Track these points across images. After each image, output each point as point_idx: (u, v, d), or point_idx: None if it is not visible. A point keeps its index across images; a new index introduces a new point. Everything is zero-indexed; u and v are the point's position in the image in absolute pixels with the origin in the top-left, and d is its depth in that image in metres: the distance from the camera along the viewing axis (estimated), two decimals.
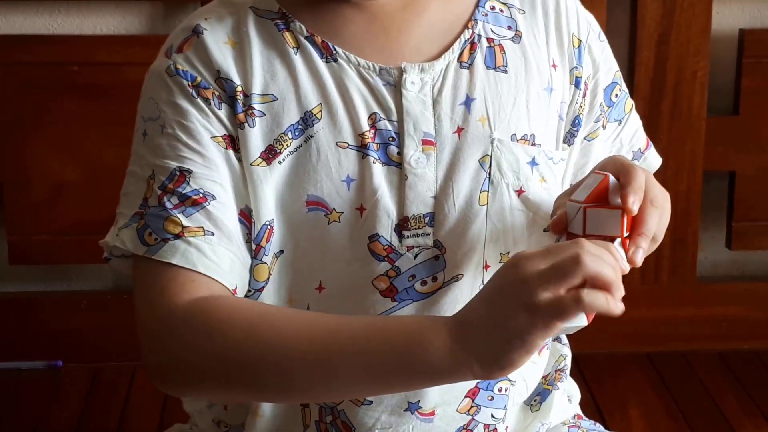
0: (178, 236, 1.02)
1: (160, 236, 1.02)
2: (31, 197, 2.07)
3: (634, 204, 0.97)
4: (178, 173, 1.04)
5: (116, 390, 2.05)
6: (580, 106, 1.15)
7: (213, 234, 1.03)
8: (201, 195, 1.03)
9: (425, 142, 1.07)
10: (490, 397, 1.13)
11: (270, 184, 1.05)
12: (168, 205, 1.03)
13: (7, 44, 2.03)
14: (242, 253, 1.05)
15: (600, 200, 0.98)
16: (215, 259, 1.03)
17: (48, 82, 2.03)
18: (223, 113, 1.05)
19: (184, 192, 1.03)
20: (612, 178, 0.99)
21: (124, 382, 2.07)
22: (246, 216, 1.06)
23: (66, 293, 2.20)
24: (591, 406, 1.97)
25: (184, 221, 1.02)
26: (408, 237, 1.07)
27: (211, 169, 1.04)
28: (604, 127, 1.18)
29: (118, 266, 1.08)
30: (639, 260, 0.97)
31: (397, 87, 1.07)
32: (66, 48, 2.04)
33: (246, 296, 1.07)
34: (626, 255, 0.97)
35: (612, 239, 0.96)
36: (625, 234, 0.97)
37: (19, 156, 2.05)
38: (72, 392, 2.05)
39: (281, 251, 1.07)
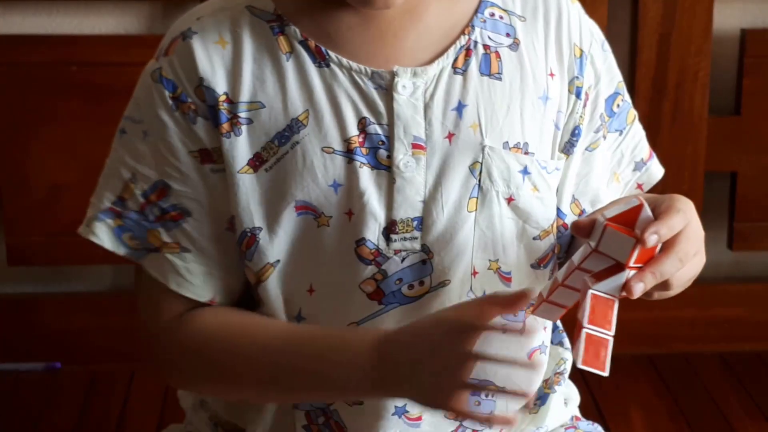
0: (157, 249, 1.08)
1: (142, 245, 1.09)
2: (29, 198, 2.07)
3: (650, 236, 0.94)
4: (160, 186, 1.07)
5: (114, 391, 2.06)
6: (581, 116, 1.14)
7: (189, 251, 1.08)
8: (178, 212, 1.07)
9: (415, 146, 1.06)
10: (476, 403, 1.12)
11: (257, 192, 1.06)
12: (150, 216, 1.08)
13: (5, 44, 2.03)
14: (221, 265, 1.09)
15: (626, 224, 0.96)
16: (188, 276, 1.08)
17: (46, 82, 2.03)
18: (198, 127, 1.06)
19: (164, 207, 1.07)
20: (647, 209, 0.96)
21: (123, 384, 2.07)
22: (232, 225, 1.08)
23: (64, 294, 2.20)
24: (593, 409, 1.97)
25: (164, 237, 1.08)
26: (396, 240, 1.07)
27: (189, 186, 1.07)
28: (604, 137, 1.17)
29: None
30: (636, 292, 0.96)
31: (388, 91, 1.06)
32: (64, 48, 2.04)
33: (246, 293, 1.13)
34: (627, 283, 0.95)
35: (619, 264, 0.95)
36: (633, 265, 0.95)
37: (18, 157, 2.05)
38: (70, 394, 2.05)
39: (278, 260, 1.08)
